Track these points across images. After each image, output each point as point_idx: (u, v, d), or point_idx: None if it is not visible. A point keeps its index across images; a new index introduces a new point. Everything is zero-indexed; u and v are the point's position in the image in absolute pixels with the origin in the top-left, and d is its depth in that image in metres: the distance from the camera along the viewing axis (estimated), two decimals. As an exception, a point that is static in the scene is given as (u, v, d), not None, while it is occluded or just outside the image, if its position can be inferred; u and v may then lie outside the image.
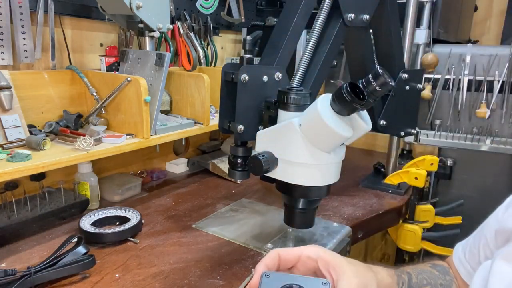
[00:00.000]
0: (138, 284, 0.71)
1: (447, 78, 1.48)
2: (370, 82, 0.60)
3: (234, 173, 0.77)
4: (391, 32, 1.00)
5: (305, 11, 0.77)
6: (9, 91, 0.83)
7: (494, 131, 1.45)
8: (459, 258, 0.65)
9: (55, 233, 0.87)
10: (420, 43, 1.45)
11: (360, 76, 0.79)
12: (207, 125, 1.11)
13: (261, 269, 0.44)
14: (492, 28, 2.12)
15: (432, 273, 0.64)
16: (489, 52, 1.43)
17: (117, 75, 0.96)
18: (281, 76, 0.74)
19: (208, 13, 1.41)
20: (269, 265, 0.45)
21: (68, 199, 0.93)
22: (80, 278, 0.71)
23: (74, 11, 1.03)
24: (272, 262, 0.46)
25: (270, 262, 0.45)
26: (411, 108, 1.14)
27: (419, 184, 1.13)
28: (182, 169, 1.32)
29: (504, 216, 0.56)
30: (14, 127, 0.84)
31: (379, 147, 1.65)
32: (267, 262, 0.45)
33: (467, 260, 0.63)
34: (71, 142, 0.86)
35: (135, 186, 1.11)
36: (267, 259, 0.46)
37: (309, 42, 0.78)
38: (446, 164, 1.56)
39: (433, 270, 0.65)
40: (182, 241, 0.86)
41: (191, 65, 1.27)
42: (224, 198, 1.11)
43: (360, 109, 0.61)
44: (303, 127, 0.63)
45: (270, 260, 0.46)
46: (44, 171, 0.79)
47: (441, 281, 0.63)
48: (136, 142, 0.93)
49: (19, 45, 0.91)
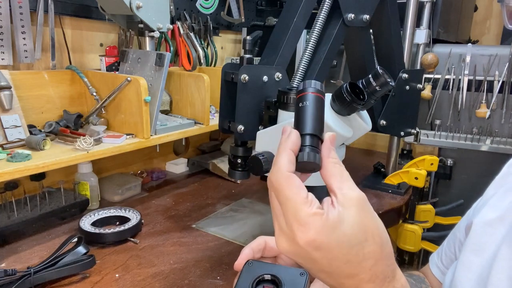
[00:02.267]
0: (138, 284, 0.71)
1: (447, 78, 1.48)
2: (370, 82, 0.60)
3: (234, 173, 0.77)
4: (391, 32, 1.00)
5: (305, 11, 0.77)
6: (9, 91, 0.83)
7: (494, 131, 1.45)
8: (437, 266, 0.65)
9: (55, 233, 0.87)
10: (420, 43, 1.45)
11: (360, 76, 0.79)
12: (207, 125, 1.11)
13: (247, 252, 0.45)
14: (492, 28, 2.12)
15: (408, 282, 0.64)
16: (489, 52, 1.43)
17: (117, 75, 0.96)
18: (281, 76, 0.74)
19: (208, 13, 1.41)
20: (255, 249, 0.46)
21: (68, 199, 0.93)
22: (80, 278, 0.71)
23: (74, 11, 1.03)
24: (258, 247, 0.46)
25: (256, 247, 0.46)
26: (411, 108, 1.14)
27: (419, 184, 1.13)
28: (182, 169, 1.32)
29: (473, 213, 0.58)
30: (14, 127, 0.84)
31: (379, 147, 1.65)
32: (253, 247, 0.46)
33: (445, 265, 0.63)
34: (71, 142, 0.86)
35: (135, 186, 1.11)
36: (253, 243, 0.46)
37: (309, 42, 0.78)
38: (446, 164, 1.56)
39: (409, 279, 0.64)
40: (182, 241, 0.86)
41: (191, 65, 1.27)
42: (224, 198, 1.11)
43: (360, 109, 0.61)
44: (303, 127, 0.63)
45: (256, 245, 0.46)
46: (44, 171, 0.79)
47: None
48: (136, 142, 0.93)
49: (19, 45, 0.91)
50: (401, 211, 1.13)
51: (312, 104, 0.40)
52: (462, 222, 0.61)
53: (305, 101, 0.40)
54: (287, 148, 0.38)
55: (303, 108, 0.40)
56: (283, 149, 0.38)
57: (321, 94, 0.41)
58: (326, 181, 0.39)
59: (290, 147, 0.38)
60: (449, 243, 0.63)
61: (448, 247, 0.63)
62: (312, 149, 0.39)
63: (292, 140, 0.38)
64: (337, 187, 0.37)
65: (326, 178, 0.38)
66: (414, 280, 0.65)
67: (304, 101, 0.40)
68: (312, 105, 0.40)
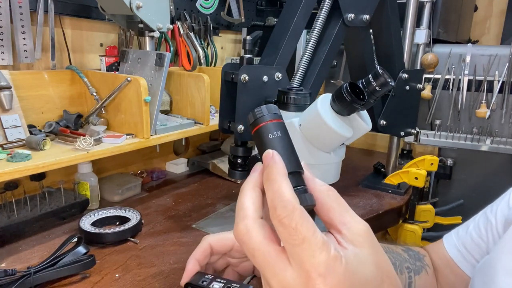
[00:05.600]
0: (138, 284, 0.71)
1: (447, 78, 1.48)
2: (370, 82, 0.60)
3: (234, 173, 0.77)
4: (391, 32, 1.00)
5: (305, 11, 0.77)
6: (9, 91, 0.83)
7: (494, 131, 1.45)
8: (458, 249, 0.60)
9: (55, 233, 0.87)
10: (420, 43, 1.45)
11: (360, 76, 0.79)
12: (207, 125, 1.11)
13: (191, 268, 0.42)
14: (492, 28, 2.12)
15: (399, 255, 0.62)
16: (489, 52, 1.43)
17: (117, 75, 0.96)
18: (281, 76, 0.74)
19: (208, 13, 1.41)
20: (200, 259, 0.43)
21: (68, 199, 0.93)
22: (80, 278, 0.71)
23: (74, 11, 1.03)
24: (204, 254, 0.44)
25: (201, 256, 0.43)
26: (411, 108, 1.14)
27: (419, 184, 1.13)
28: (182, 169, 1.32)
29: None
30: (14, 127, 0.84)
31: (379, 147, 1.65)
32: (197, 257, 0.43)
33: (469, 250, 0.59)
34: (71, 142, 0.86)
35: (135, 186, 1.11)
36: (197, 252, 0.43)
37: (309, 42, 0.78)
38: (446, 164, 1.56)
39: (403, 254, 0.62)
40: (182, 241, 0.86)
41: (191, 65, 1.27)
42: (224, 198, 1.11)
43: (360, 109, 0.61)
44: (303, 127, 0.63)
45: (200, 253, 0.43)
46: (44, 171, 0.79)
47: (408, 264, 0.60)
48: (136, 142, 0.93)
49: (19, 45, 0.91)
50: (401, 211, 1.13)
51: (282, 134, 0.35)
52: (497, 206, 0.57)
53: (274, 131, 0.35)
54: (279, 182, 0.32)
55: (273, 140, 0.35)
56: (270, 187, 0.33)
57: (281, 118, 0.37)
58: (323, 216, 0.34)
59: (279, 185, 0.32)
60: (477, 227, 0.59)
61: (475, 231, 0.59)
62: (304, 190, 0.34)
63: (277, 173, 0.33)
64: (339, 222, 0.33)
65: (322, 213, 0.34)
66: (409, 256, 0.63)
67: (271, 132, 0.35)
68: (283, 135, 0.35)
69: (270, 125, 0.36)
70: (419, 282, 0.60)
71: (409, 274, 0.59)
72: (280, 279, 0.30)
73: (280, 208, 0.31)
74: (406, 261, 0.61)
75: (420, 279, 0.61)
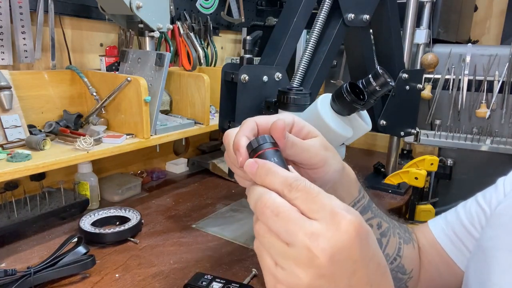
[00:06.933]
0: (138, 284, 0.71)
1: (447, 78, 1.48)
2: (370, 82, 0.60)
3: (234, 173, 0.77)
4: (391, 32, 1.00)
5: (305, 11, 0.77)
6: (9, 91, 0.83)
7: (494, 131, 1.45)
8: (446, 234, 0.61)
9: (55, 233, 0.87)
10: (420, 43, 1.45)
11: (360, 76, 0.79)
12: (207, 125, 1.11)
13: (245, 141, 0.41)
14: (492, 28, 2.12)
15: (392, 221, 0.62)
16: (489, 52, 1.43)
17: (117, 75, 0.96)
18: (281, 76, 0.74)
19: (208, 13, 1.41)
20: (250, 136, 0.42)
21: (68, 199, 0.93)
22: (80, 278, 0.71)
23: (74, 11, 1.03)
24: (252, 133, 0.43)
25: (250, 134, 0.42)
26: (411, 108, 1.14)
27: (419, 184, 1.13)
28: (182, 169, 1.32)
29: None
30: (14, 127, 0.84)
31: (379, 147, 1.65)
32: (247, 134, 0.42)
33: (459, 237, 0.59)
34: (71, 142, 0.86)
35: (135, 186, 1.11)
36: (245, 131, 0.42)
37: (309, 42, 0.78)
38: (446, 164, 1.56)
39: (395, 222, 0.63)
40: (182, 241, 0.86)
41: (191, 65, 1.27)
42: (224, 198, 1.11)
43: (360, 109, 0.61)
44: (303, 127, 0.62)
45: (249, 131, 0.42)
46: (44, 171, 0.79)
47: (399, 231, 0.61)
48: (136, 142, 0.93)
49: (19, 45, 0.91)
50: (401, 211, 1.14)
51: (279, 162, 0.37)
52: (490, 194, 0.58)
53: (272, 158, 0.38)
54: None
55: None
56: None
57: (277, 146, 0.39)
58: None
59: None
60: (470, 214, 0.60)
61: (467, 218, 0.60)
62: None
63: None
64: None
65: None
66: (400, 226, 0.62)
67: (270, 159, 0.37)
68: (280, 163, 0.37)
69: (268, 153, 0.38)
70: (407, 251, 0.60)
71: (399, 240, 0.60)
72: (307, 228, 0.32)
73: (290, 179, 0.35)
74: (397, 228, 0.62)
75: (408, 249, 0.61)
